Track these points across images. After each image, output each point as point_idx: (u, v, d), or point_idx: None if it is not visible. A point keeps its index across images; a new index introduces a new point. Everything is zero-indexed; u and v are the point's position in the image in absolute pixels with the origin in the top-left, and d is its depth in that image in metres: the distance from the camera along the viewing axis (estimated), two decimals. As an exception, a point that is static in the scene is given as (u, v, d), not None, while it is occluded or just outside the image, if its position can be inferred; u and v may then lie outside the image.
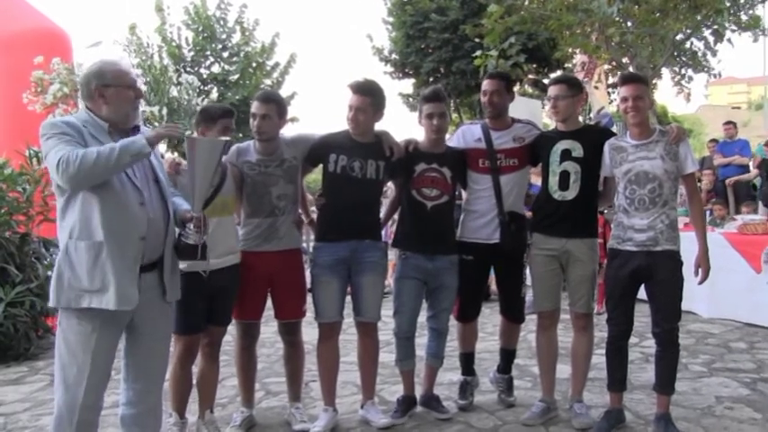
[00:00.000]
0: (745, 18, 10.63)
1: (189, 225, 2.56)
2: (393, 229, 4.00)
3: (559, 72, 14.20)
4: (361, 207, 3.47)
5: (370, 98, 3.41)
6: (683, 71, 12.24)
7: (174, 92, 7.65)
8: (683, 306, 3.26)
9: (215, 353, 3.35)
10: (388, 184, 3.86)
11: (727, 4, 9.89)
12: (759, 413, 3.58)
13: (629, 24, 10.18)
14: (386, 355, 3.93)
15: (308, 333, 3.66)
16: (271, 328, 4.12)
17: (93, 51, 7.09)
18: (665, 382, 3.27)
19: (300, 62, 19.78)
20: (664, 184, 3.19)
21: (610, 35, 9.88)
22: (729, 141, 9.72)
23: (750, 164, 9.39)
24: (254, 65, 15.96)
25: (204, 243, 2.57)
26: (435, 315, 3.63)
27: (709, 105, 48.90)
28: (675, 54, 11.28)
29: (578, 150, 3.42)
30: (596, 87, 10.96)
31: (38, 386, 4.51)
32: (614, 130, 5.09)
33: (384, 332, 3.71)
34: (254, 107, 3.37)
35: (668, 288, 3.19)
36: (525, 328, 4.05)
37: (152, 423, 2.66)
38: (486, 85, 3.61)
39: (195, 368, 3.32)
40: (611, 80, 12.91)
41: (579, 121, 3.68)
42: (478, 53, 9.86)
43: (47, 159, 2.33)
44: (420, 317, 3.64)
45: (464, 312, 3.70)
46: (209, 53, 15.62)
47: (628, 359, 3.42)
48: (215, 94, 11.87)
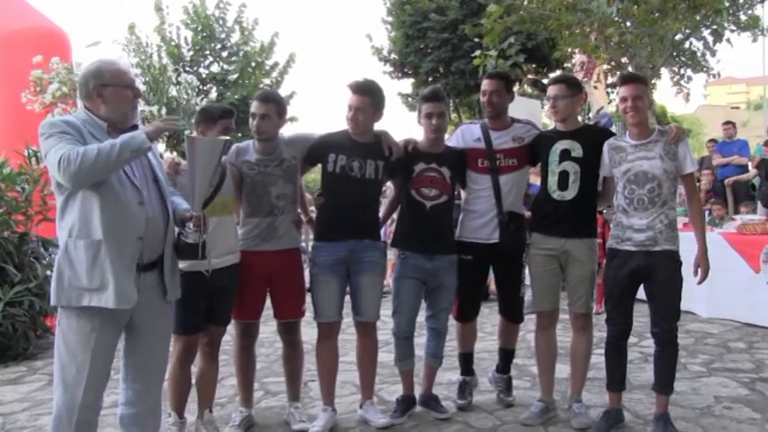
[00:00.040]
0: (744, 18, 10.66)
1: (188, 224, 2.56)
2: (392, 228, 4.00)
3: (559, 72, 14.20)
4: (360, 207, 3.47)
5: (369, 98, 3.41)
6: (682, 71, 12.27)
7: (173, 91, 7.63)
8: (682, 306, 3.27)
9: (214, 353, 3.35)
10: (388, 183, 3.86)
11: (726, 4, 9.90)
12: (758, 413, 3.58)
13: (628, 24, 10.19)
14: (385, 355, 3.93)
15: (307, 333, 3.66)
16: (270, 328, 4.12)
17: (92, 51, 7.07)
18: (663, 382, 3.27)
19: (300, 62, 19.84)
20: (663, 183, 3.19)
21: (609, 35, 9.90)
22: (728, 141, 9.73)
23: (749, 164, 9.38)
24: (253, 64, 15.93)
25: (204, 242, 2.57)
26: (434, 315, 3.63)
27: (708, 105, 49.00)
28: (674, 54, 11.30)
29: (577, 150, 3.42)
30: (595, 87, 10.98)
31: (36, 386, 4.51)
32: (613, 129, 5.10)
33: (383, 332, 3.71)
34: (253, 107, 3.37)
35: (667, 288, 3.19)
36: (524, 328, 4.05)
37: (151, 423, 2.65)
38: (486, 84, 3.61)
39: (194, 368, 3.32)
40: (610, 80, 12.93)
41: (578, 120, 3.67)
42: (478, 53, 9.85)
43: (47, 158, 2.32)
44: (419, 317, 3.64)
45: (463, 312, 3.70)
46: (208, 53, 15.58)
47: (627, 359, 3.43)
48: (214, 94, 11.85)
